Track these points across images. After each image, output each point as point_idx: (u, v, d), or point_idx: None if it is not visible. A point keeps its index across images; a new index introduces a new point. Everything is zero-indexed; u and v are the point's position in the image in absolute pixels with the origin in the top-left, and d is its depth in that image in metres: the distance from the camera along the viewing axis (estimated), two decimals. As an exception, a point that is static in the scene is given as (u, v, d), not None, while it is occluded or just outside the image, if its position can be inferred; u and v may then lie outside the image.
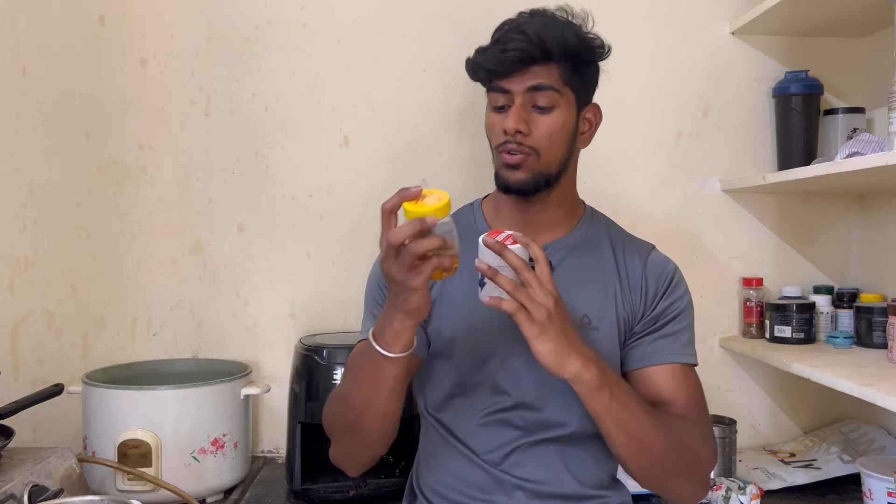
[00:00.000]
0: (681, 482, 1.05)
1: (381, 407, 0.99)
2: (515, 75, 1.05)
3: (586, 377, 0.95)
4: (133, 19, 1.62)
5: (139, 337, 1.65)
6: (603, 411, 0.97)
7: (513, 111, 1.05)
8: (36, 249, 1.61)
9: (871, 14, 1.53)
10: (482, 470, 1.09)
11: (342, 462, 1.10)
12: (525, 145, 1.05)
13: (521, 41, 1.02)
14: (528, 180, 1.07)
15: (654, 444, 1.00)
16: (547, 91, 1.05)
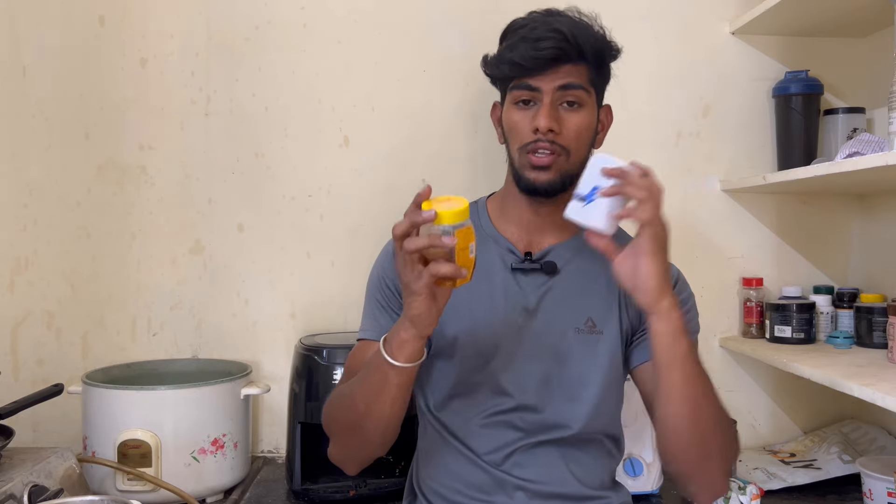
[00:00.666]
0: (715, 466, 1.02)
1: (384, 412, 0.98)
2: (546, 73, 1.04)
3: (676, 314, 0.95)
4: (133, 19, 1.62)
5: (139, 337, 1.65)
6: (681, 359, 0.95)
7: (544, 109, 1.04)
8: (36, 249, 1.61)
9: (871, 14, 1.53)
10: (483, 470, 1.09)
11: (340, 460, 1.10)
12: (557, 144, 1.05)
13: (557, 39, 1.02)
14: (556, 181, 1.06)
15: (708, 416, 0.98)
16: (577, 90, 1.05)
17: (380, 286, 1.13)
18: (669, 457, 1.03)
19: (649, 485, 1.43)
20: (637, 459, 1.43)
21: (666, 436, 1.00)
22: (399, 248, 0.88)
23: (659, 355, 0.96)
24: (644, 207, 0.92)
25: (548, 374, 1.08)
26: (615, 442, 1.14)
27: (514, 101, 1.07)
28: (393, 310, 1.10)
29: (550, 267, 1.10)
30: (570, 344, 1.08)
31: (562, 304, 1.09)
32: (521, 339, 1.09)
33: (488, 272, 1.10)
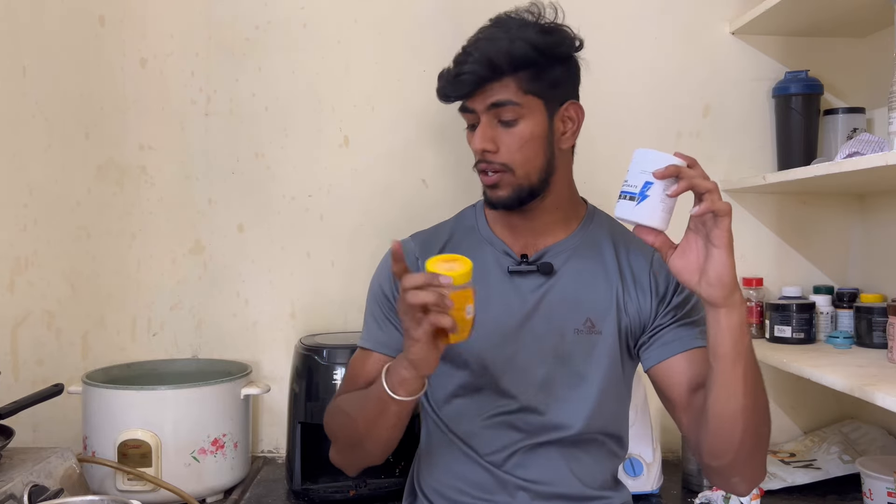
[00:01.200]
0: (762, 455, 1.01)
1: (382, 435, 1.01)
2: (476, 95, 1.05)
3: (745, 307, 0.94)
4: (133, 19, 1.62)
5: (139, 337, 1.65)
6: (746, 351, 0.93)
7: (478, 131, 1.06)
8: (36, 249, 1.61)
9: (871, 14, 1.53)
10: (484, 470, 1.09)
11: (341, 464, 1.12)
12: (495, 163, 1.05)
13: (470, 63, 1.03)
14: (510, 196, 1.06)
15: (764, 404, 0.97)
16: (507, 106, 1.04)
17: (377, 298, 1.14)
18: (723, 451, 0.98)
19: (649, 485, 1.43)
20: (637, 459, 1.43)
21: (724, 430, 0.96)
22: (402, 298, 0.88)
23: (725, 349, 0.92)
24: (715, 198, 0.89)
25: (549, 376, 1.08)
26: (618, 441, 1.14)
27: (467, 124, 1.10)
28: (390, 322, 1.12)
29: (547, 268, 1.09)
30: (570, 345, 1.08)
31: (560, 305, 1.09)
32: (521, 341, 1.09)
33: (486, 276, 1.10)
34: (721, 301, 0.91)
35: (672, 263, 0.93)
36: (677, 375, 1.06)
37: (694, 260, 0.92)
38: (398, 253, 0.92)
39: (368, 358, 1.11)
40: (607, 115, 1.67)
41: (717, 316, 0.92)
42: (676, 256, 0.93)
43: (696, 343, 1.06)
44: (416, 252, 1.14)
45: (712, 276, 0.90)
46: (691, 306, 1.10)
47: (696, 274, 0.92)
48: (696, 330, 1.07)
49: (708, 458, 1.01)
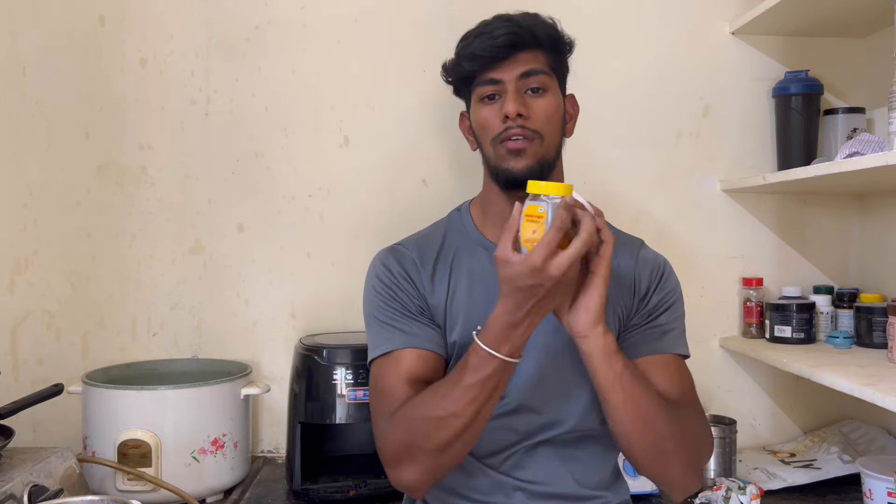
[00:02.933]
0: (679, 468, 1.03)
1: (489, 413, 0.97)
2: (504, 63, 1.04)
3: (609, 339, 0.95)
4: (133, 19, 1.62)
5: (139, 337, 1.65)
6: (614, 381, 0.96)
7: (510, 96, 1.04)
8: (36, 249, 1.61)
9: (871, 14, 1.53)
10: (481, 472, 1.09)
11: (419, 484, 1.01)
12: (528, 129, 1.04)
13: (510, 27, 1.04)
14: (534, 166, 1.05)
15: (658, 423, 0.99)
16: (539, 75, 1.05)
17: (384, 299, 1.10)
18: (632, 463, 1.05)
19: (649, 485, 1.43)
20: (637, 459, 1.42)
21: (623, 447, 1.03)
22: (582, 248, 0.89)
23: (598, 379, 0.97)
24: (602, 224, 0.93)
25: (542, 374, 1.08)
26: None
27: (480, 98, 1.08)
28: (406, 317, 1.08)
29: None
30: (563, 342, 1.07)
31: None
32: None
33: (481, 278, 1.09)
34: (587, 330, 0.95)
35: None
36: None
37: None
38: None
39: (402, 358, 1.05)
40: (607, 115, 1.67)
41: (582, 345, 0.96)
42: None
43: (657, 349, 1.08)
44: (417, 261, 1.12)
45: (580, 304, 0.94)
46: (667, 307, 1.11)
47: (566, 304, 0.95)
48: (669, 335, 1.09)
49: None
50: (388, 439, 1.00)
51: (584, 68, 1.17)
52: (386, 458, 1.01)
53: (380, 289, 1.11)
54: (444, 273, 1.11)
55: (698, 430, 1.06)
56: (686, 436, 1.02)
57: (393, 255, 1.14)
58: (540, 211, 0.89)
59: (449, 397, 0.95)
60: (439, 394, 0.97)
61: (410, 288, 1.10)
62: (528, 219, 0.89)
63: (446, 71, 1.13)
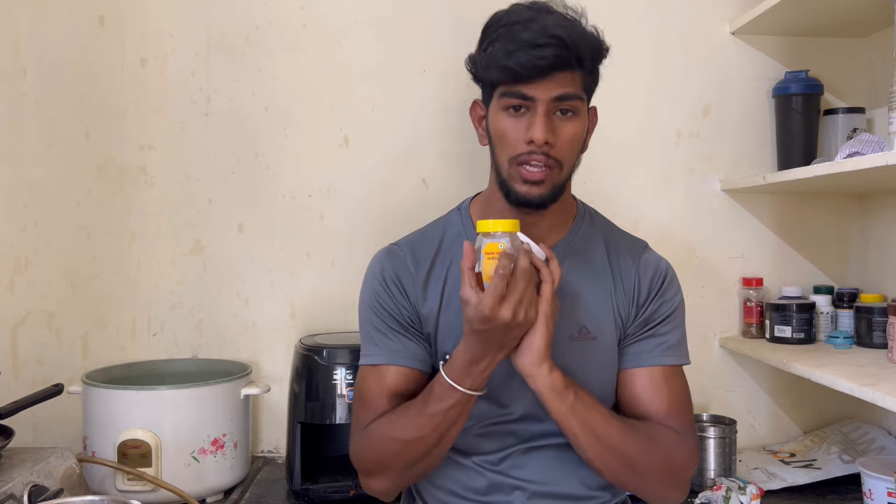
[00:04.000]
0: (654, 484, 1.04)
1: (454, 437, 1.01)
2: (541, 81, 0.98)
3: (555, 377, 0.96)
4: (133, 19, 1.62)
5: (139, 337, 1.65)
6: (567, 413, 0.98)
7: (539, 120, 0.98)
8: (36, 249, 1.61)
9: (871, 14, 1.53)
10: (479, 473, 1.08)
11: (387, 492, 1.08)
12: (551, 157, 1.00)
13: (556, 47, 0.96)
14: (548, 194, 1.03)
15: (620, 445, 1.00)
16: (573, 100, 1.00)
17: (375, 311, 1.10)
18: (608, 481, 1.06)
19: (649, 485, 1.43)
20: (637, 459, 1.42)
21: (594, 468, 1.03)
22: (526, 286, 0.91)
23: (551, 412, 0.99)
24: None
25: None
26: None
27: (505, 107, 1.01)
28: (397, 332, 1.08)
29: None
30: (565, 352, 1.06)
31: None
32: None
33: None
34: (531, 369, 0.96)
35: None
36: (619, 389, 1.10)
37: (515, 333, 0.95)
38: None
39: (386, 373, 1.06)
40: (607, 115, 1.64)
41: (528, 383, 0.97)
42: None
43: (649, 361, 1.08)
44: (410, 265, 1.11)
45: (524, 344, 0.95)
46: (664, 317, 1.10)
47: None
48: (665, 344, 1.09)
49: None
50: (359, 453, 1.06)
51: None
52: (357, 467, 1.07)
53: (372, 296, 1.11)
54: (439, 279, 1.10)
55: (675, 443, 1.04)
56: (657, 453, 1.02)
57: (388, 258, 1.12)
58: (500, 248, 0.90)
59: (415, 422, 1.00)
60: (407, 416, 1.01)
61: (401, 297, 1.09)
62: (489, 257, 0.91)
63: (474, 65, 1.04)
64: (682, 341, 1.12)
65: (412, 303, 1.09)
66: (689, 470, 1.08)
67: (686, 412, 1.09)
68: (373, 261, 1.14)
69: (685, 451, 1.06)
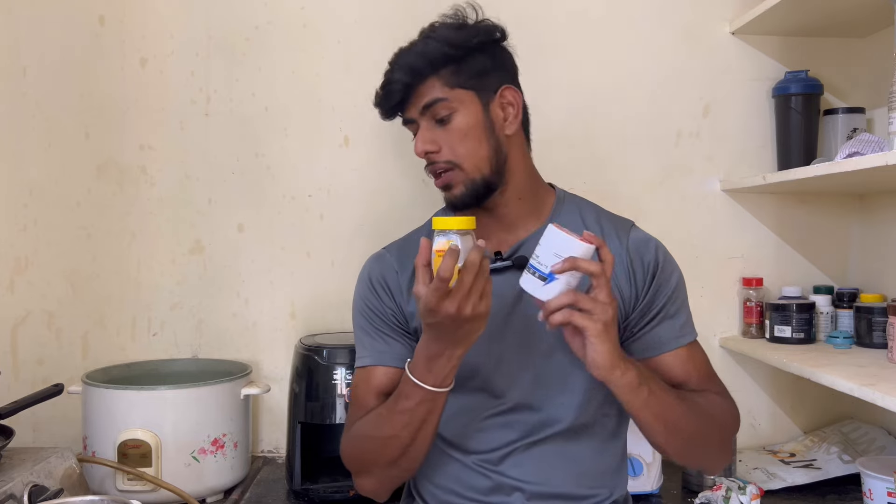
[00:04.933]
0: (710, 453, 1.10)
1: (430, 432, 1.00)
2: (408, 104, 1.08)
3: (630, 377, 0.96)
4: (133, 19, 1.62)
5: (139, 337, 1.65)
6: (642, 407, 0.99)
7: (417, 136, 1.09)
8: (36, 249, 1.61)
9: (871, 14, 1.53)
10: (479, 473, 1.09)
11: (378, 492, 1.09)
12: (440, 162, 1.07)
13: (394, 73, 1.07)
14: (465, 193, 1.07)
15: (687, 426, 1.02)
16: (437, 104, 1.06)
17: (364, 314, 1.13)
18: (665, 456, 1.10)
19: (649, 485, 1.43)
20: (637, 459, 1.43)
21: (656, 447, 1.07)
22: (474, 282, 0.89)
23: (625, 405, 0.99)
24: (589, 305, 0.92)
25: (536, 370, 1.08)
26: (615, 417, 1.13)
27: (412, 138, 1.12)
28: (385, 334, 1.11)
29: (522, 261, 1.07)
30: (553, 336, 1.06)
31: None
32: (506, 339, 1.08)
33: None
34: (604, 379, 0.96)
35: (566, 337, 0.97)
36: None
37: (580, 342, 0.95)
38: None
39: (373, 374, 1.09)
40: (607, 115, 1.67)
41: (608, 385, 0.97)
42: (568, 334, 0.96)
43: (669, 346, 1.09)
44: (395, 266, 1.13)
45: (592, 361, 0.94)
46: (667, 297, 1.10)
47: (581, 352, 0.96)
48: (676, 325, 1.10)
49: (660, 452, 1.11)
50: (345, 451, 1.09)
51: (585, 68, 1.17)
52: (347, 466, 1.09)
53: (361, 299, 1.14)
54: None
55: (724, 409, 1.09)
56: (714, 423, 1.07)
57: (376, 262, 1.16)
58: (448, 245, 0.90)
59: (387, 421, 1.01)
60: (381, 415, 1.03)
61: (387, 298, 1.12)
62: (438, 254, 0.91)
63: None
64: (689, 316, 1.14)
65: (397, 303, 1.12)
66: (736, 430, 1.15)
67: (716, 377, 1.14)
68: (363, 266, 1.17)
69: (732, 414, 1.11)
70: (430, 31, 1.10)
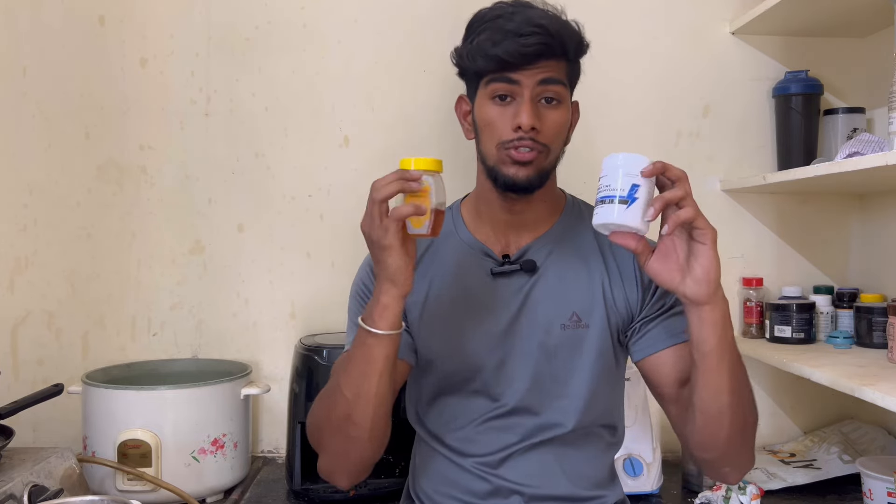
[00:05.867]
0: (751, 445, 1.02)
1: (371, 392, 0.95)
2: (527, 68, 1.01)
3: (727, 302, 0.92)
4: (133, 19, 1.62)
5: (139, 337, 1.65)
6: (730, 346, 0.93)
7: (526, 106, 1.00)
8: (36, 249, 1.61)
9: (871, 14, 1.53)
10: (477, 476, 1.08)
11: (332, 470, 1.04)
12: (538, 142, 1.02)
13: (541, 35, 0.99)
14: (535, 177, 1.03)
15: (750, 398, 0.99)
16: (556, 85, 1.02)
17: (361, 297, 1.11)
18: (710, 445, 0.99)
19: (649, 485, 1.43)
20: (637, 459, 1.43)
21: (710, 426, 0.96)
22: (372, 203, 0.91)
23: (710, 346, 0.91)
24: (692, 202, 0.89)
25: (538, 374, 1.07)
26: (612, 431, 1.14)
27: (491, 96, 1.04)
28: None
29: (530, 265, 1.08)
30: (557, 340, 1.07)
31: (545, 302, 1.08)
32: (508, 342, 1.08)
33: (469, 279, 1.09)
34: (706, 298, 0.90)
35: (650, 267, 0.92)
36: (666, 368, 1.05)
37: (674, 261, 0.91)
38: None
39: None
40: (607, 115, 1.67)
41: (701, 313, 0.91)
42: (655, 260, 0.91)
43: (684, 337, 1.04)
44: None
45: (699, 274, 0.89)
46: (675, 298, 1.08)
47: (679, 274, 0.90)
48: (677, 323, 1.07)
49: (697, 450, 1.02)
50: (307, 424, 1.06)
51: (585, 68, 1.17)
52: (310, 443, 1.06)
53: (359, 283, 1.13)
54: (426, 274, 1.10)
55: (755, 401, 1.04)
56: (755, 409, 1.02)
57: None
58: (424, 185, 0.91)
59: (336, 374, 1.00)
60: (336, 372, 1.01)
61: None
62: (410, 196, 0.91)
63: (460, 57, 1.08)
64: None
65: None
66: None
67: None
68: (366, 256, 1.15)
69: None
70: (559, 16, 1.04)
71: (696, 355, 0.93)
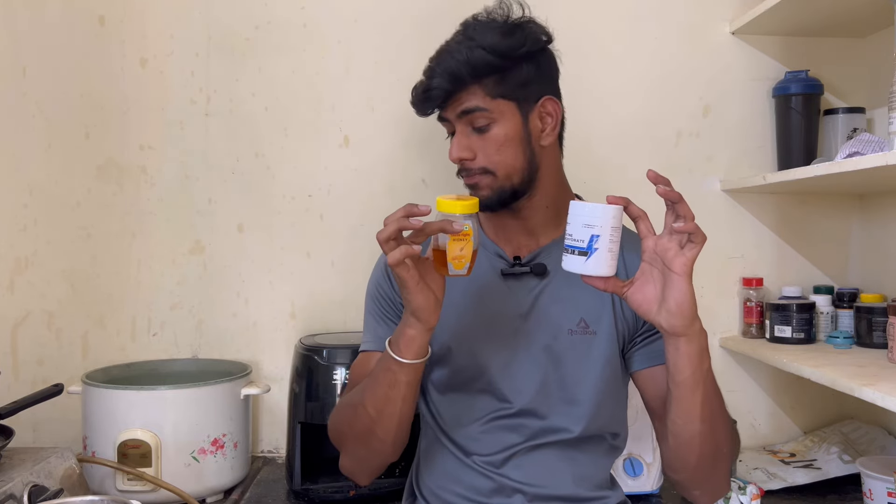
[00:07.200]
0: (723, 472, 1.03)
1: (394, 413, 0.99)
2: (447, 105, 1.06)
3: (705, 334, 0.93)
4: (133, 19, 1.62)
5: (139, 337, 1.65)
6: (704, 377, 0.93)
7: (454, 140, 1.07)
8: (36, 249, 1.61)
9: (871, 14, 1.53)
10: (481, 474, 1.09)
11: (353, 472, 1.10)
12: (474, 169, 1.06)
13: (436, 77, 1.04)
14: (492, 197, 1.06)
15: (723, 426, 0.99)
16: (476, 112, 1.04)
17: (374, 298, 1.14)
18: (680, 467, 1.01)
19: (649, 485, 1.43)
20: (637, 459, 1.43)
21: (680, 450, 0.98)
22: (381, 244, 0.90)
23: (684, 377, 0.92)
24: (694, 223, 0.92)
25: (545, 378, 1.08)
26: (616, 437, 1.14)
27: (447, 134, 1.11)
28: (390, 319, 1.12)
29: (540, 269, 1.09)
30: (564, 345, 1.07)
31: (554, 306, 1.09)
32: (516, 343, 1.08)
33: (480, 279, 1.09)
34: (681, 330, 0.90)
35: (629, 297, 0.92)
36: (657, 385, 1.06)
37: (651, 291, 0.91)
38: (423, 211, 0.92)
39: (371, 358, 1.10)
40: (607, 116, 1.67)
41: (677, 344, 0.92)
42: (635, 291, 0.92)
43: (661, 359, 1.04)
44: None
45: (672, 305, 0.89)
46: None
47: (655, 304, 0.91)
48: None
49: (668, 470, 1.05)
50: (329, 425, 1.10)
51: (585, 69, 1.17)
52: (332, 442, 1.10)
53: (375, 284, 1.15)
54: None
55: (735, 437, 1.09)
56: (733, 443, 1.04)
57: None
58: (465, 229, 0.90)
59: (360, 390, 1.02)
60: (356, 388, 1.05)
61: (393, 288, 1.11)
62: (454, 238, 0.90)
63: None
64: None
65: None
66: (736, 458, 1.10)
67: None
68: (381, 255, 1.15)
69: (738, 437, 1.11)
70: (475, 33, 1.04)
71: (671, 383, 0.94)
